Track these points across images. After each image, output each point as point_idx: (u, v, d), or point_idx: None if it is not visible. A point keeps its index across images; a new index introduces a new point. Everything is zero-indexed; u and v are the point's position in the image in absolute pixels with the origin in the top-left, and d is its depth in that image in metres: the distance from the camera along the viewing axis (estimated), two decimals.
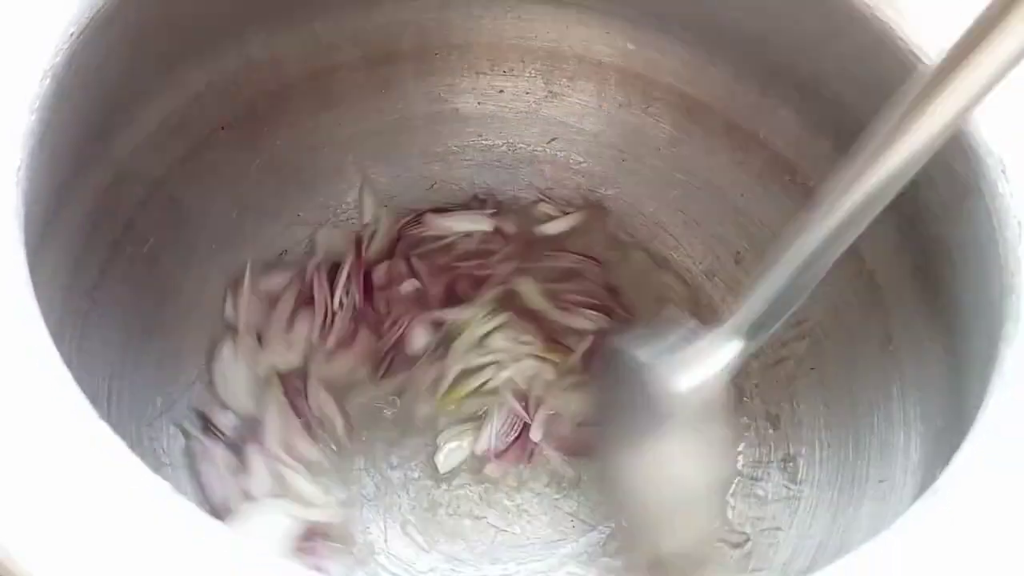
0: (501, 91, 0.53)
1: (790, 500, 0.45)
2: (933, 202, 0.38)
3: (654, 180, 0.52)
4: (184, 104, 0.43)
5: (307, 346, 0.48)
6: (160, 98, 0.41)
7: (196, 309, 0.46)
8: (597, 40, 0.50)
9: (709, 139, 0.50)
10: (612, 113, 0.52)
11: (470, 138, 0.54)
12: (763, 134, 0.47)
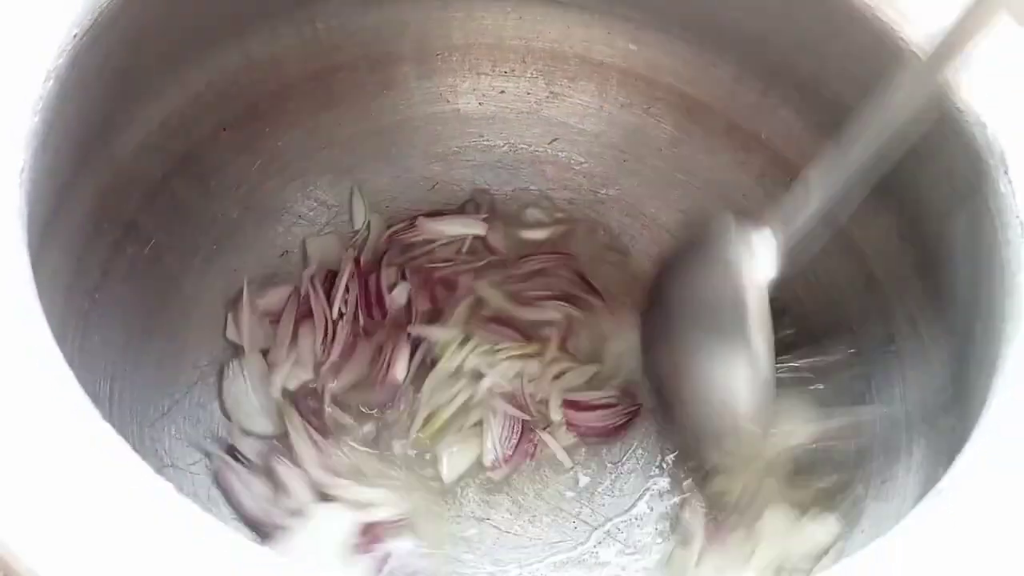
0: (502, 91, 0.53)
1: None
2: (935, 202, 0.38)
3: (655, 180, 0.52)
4: (185, 104, 0.43)
5: (314, 359, 0.48)
6: (161, 99, 0.41)
7: (197, 309, 0.46)
8: (598, 41, 0.50)
9: (710, 139, 0.50)
10: (613, 113, 0.52)
11: (471, 139, 0.54)
12: (764, 134, 0.47)
